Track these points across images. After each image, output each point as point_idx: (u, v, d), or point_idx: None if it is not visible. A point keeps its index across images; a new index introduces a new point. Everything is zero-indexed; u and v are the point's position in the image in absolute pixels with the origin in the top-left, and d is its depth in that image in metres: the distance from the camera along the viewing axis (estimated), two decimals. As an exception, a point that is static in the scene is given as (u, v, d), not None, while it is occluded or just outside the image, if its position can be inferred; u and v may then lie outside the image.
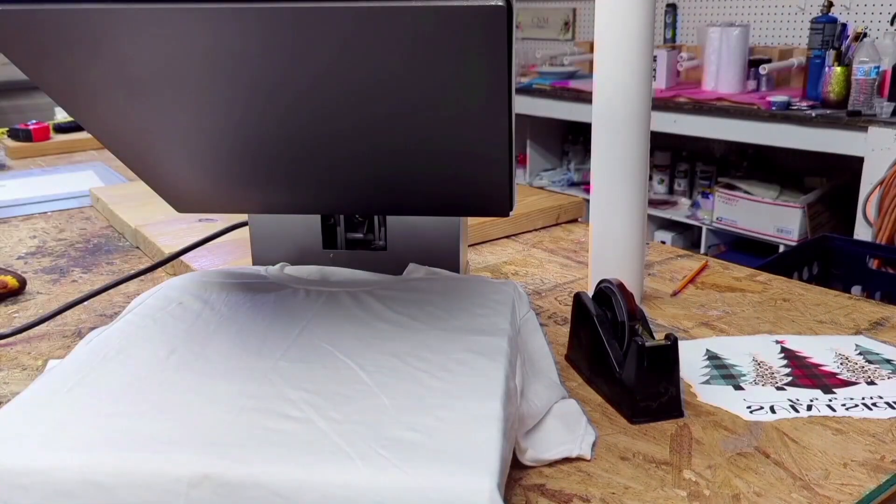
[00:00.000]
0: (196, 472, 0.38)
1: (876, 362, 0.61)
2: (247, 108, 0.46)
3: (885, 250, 1.65)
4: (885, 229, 2.09)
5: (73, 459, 0.39)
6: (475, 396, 0.44)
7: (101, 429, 0.42)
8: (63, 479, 0.39)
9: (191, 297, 0.59)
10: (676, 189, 3.16)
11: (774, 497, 0.45)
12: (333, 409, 0.43)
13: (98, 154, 1.64)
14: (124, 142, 0.52)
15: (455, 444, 0.40)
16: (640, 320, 0.55)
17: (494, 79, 0.41)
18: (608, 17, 0.65)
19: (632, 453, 0.49)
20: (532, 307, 0.60)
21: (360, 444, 0.40)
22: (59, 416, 0.43)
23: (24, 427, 0.42)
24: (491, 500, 0.37)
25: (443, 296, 0.58)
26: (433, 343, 0.51)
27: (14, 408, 0.44)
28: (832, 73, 2.30)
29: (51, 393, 0.45)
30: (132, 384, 0.46)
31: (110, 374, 0.48)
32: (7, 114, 3.50)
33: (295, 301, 0.58)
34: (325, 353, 0.50)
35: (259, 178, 0.57)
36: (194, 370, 0.48)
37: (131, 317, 0.56)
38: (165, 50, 0.41)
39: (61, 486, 0.38)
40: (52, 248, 0.97)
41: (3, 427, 0.42)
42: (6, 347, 0.68)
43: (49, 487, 0.39)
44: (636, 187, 0.68)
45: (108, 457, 0.39)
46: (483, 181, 0.54)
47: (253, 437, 0.41)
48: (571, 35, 3.65)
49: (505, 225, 0.96)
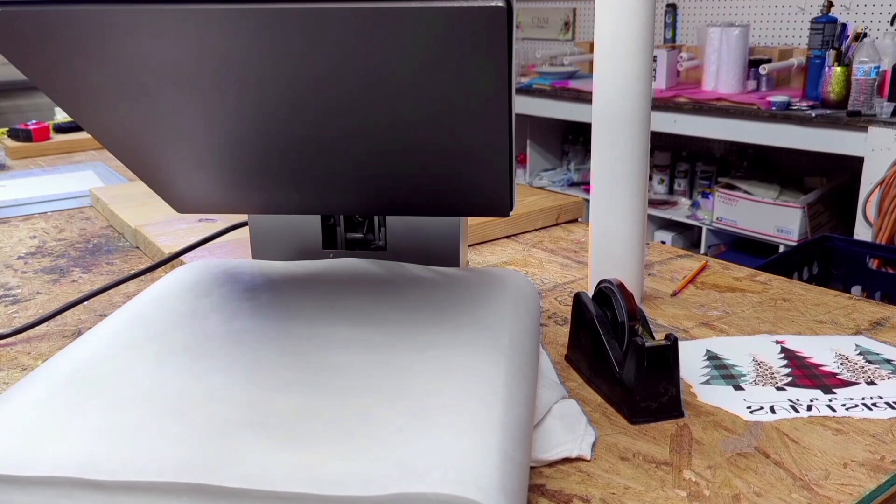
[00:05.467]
0: (196, 473, 0.38)
1: (876, 362, 0.61)
2: (247, 109, 0.46)
3: (885, 250, 1.65)
4: (885, 229, 2.09)
5: (73, 459, 0.39)
6: (473, 399, 0.44)
7: (100, 428, 0.42)
8: (63, 479, 0.39)
9: (188, 294, 0.59)
10: (676, 189, 3.16)
11: (774, 497, 0.45)
12: (324, 412, 0.43)
13: (98, 154, 1.64)
14: (124, 142, 0.52)
15: (447, 452, 0.39)
16: (640, 320, 0.55)
17: (494, 79, 0.41)
18: (608, 17, 0.65)
19: (632, 453, 0.49)
20: (540, 300, 0.60)
21: (351, 450, 0.40)
22: (58, 415, 0.43)
23: (23, 426, 0.42)
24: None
25: (444, 290, 0.58)
26: (433, 342, 0.51)
27: (13, 407, 0.44)
28: (832, 74, 2.30)
29: (50, 392, 0.45)
30: (132, 383, 0.46)
31: (109, 372, 0.48)
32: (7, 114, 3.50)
33: (292, 297, 0.58)
34: (319, 351, 0.50)
35: (259, 179, 0.57)
36: (192, 369, 0.48)
37: (130, 314, 0.56)
38: (165, 51, 0.41)
39: (61, 486, 0.38)
40: (51, 248, 0.97)
41: (3, 427, 0.42)
42: (6, 347, 0.68)
43: (49, 487, 0.39)
44: (636, 187, 0.68)
45: (108, 457, 0.39)
46: (483, 181, 0.54)
47: (252, 437, 0.41)
48: (571, 35, 3.65)
49: (505, 225, 0.96)
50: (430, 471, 0.38)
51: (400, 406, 0.43)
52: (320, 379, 0.47)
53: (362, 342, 0.51)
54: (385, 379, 0.46)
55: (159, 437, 0.41)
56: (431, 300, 0.57)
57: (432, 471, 0.37)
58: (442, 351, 0.49)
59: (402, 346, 0.50)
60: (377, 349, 0.50)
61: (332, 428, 0.42)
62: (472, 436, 0.40)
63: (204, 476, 0.38)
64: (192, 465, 0.39)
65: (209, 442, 0.40)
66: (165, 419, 0.43)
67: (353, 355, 0.49)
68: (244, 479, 0.38)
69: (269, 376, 0.47)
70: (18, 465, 0.39)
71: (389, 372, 0.47)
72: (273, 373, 0.47)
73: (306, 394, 0.45)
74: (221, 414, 0.43)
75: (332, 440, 0.40)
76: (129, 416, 0.43)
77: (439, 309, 0.55)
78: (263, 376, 0.47)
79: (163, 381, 0.46)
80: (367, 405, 0.44)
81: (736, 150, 3.04)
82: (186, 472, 0.38)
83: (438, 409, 0.43)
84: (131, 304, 0.58)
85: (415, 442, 0.40)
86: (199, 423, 0.42)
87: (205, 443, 0.40)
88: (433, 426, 0.41)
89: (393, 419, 0.42)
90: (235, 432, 0.41)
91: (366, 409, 0.43)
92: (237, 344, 0.51)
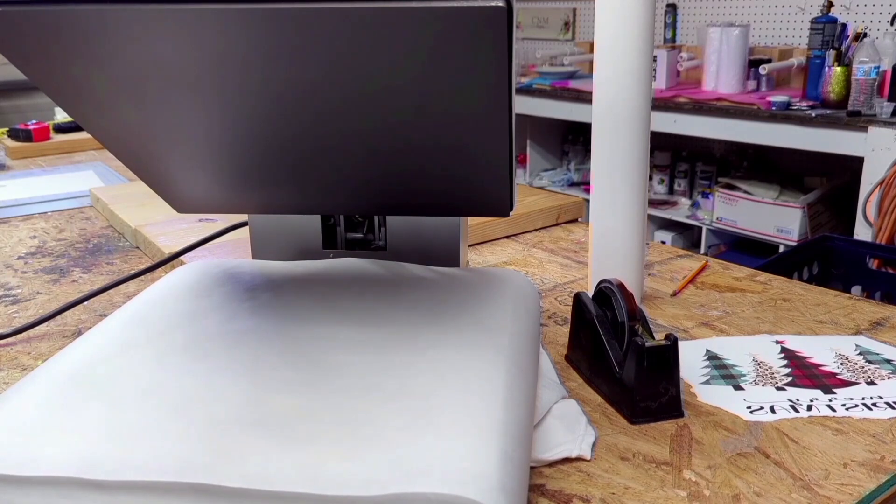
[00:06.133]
0: (196, 472, 0.38)
1: (876, 362, 0.61)
2: (247, 109, 0.46)
3: (885, 250, 1.65)
4: (885, 229, 2.09)
5: (73, 459, 0.39)
6: (473, 399, 0.44)
7: (100, 428, 0.42)
8: (63, 478, 0.39)
9: (189, 294, 0.59)
10: (676, 189, 3.16)
11: (774, 497, 0.45)
12: (324, 412, 0.43)
13: (98, 154, 1.64)
14: (124, 142, 0.52)
15: (447, 452, 0.39)
16: (640, 320, 0.55)
17: (495, 79, 0.41)
18: (608, 17, 0.65)
19: (632, 453, 0.49)
20: (541, 301, 0.60)
21: (351, 450, 0.40)
22: (58, 415, 0.43)
23: (23, 426, 0.42)
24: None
25: (444, 290, 0.58)
26: (433, 342, 0.51)
27: (13, 407, 0.44)
28: (832, 74, 2.30)
29: (50, 392, 0.45)
30: (132, 383, 0.46)
31: (109, 372, 0.48)
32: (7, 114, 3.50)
33: (292, 297, 0.58)
34: (319, 351, 0.50)
35: (259, 179, 0.57)
36: (192, 369, 0.48)
37: (130, 314, 0.56)
38: (166, 51, 0.41)
39: (61, 486, 0.38)
40: (52, 248, 0.97)
41: (3, 427, 0.42)
42: (6, 347, 0.68)
43: (49, 487, 0.39)
44: (636, 187, 0.68)
45: (108, 457, 0.39)
46: (483, 181, 0.54)
47: (252, 437, 0.41)
48: (571, 35, 3.65)
49: (505, 225, 0.96)
50: (430, 471, 0.37)
51: (400, 406, 0.43)
52: (320, 379, 0.47)
53: (362, 342, 0.51)
54: (385, 379, 0.46)
55: (159, 436, 0.41)
56: (431, 300, 0.57)
57: (432, 471, 0.37)
58: (442, 351, 0.49)
59: (402, 346, 0.50)
60: (377, 349, 0.50)
61: (332, 428, 0.41)
62: (472, 436, 0.40)
63: (204, 476, 0.38)
64: (192, 465, 0.39)
65: (209, 442, 0.40)
66: (165, 419, 0.43)
67: (354, 355, 0.49)
68: (244, 479, 0.38)
69: (269, 376, 0.47)
70: (18, 465, 0.39)
71: (389, 372, 0.47)
72: (273, 373, 0.47)
73: (306, 394, 0.45)
74: (221, 414, 0.43)
75: (332, 440, 0.40)
76: (129, 416, 0.43)
77: (439, 309, 0.55)
78: (263, 376, 0.47)
79: (163, 381, 0.46)
80: (368, 405, 0.44)
81: (736, 150, 3.04)
82: (186, 472, 0.38)
83: (438, 409, 0.43)
84: (131, 304, 0.58)
85: (415, 442, 0.40)
86: (199, 423, 0.42)
87: (205, 442, 0.40)
88: (433, 426, 0.41)
89: (393, 419, 0.42)
90: (235, 432, 0.41)
91: (366, 409, 0.43)
92: (237, 344, 0.51)
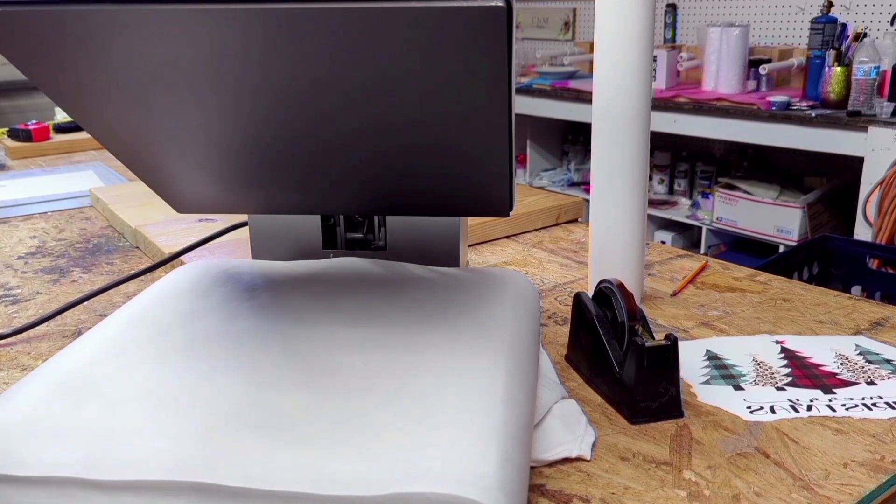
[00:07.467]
0: (196, 472, 0.38)
1: (876, 362, 0.61)
2: (247, 109, 0.46)
3: (885, 250, 1.65)
4: (885, 229, 2.09)
5: (73, 459, 0.39)
6: (473, 399, 0.44)
7: (100, 428, 0.42)
8: (63, 478, 0.39)
9: (188, 294, 0.59)
10: (676, 189, 3.16)
11: (774, 497, 0.45)
12: (324, 412, 0.43)
13: (98, 154, 1.64)
14: (124, 142, 0.52)
15: (447, 452, 0.39)
16: (640, 320, 0.55)
17: (494, 79, 0.41)
18: (608, 17, 0.65)
19: (632, 453, 0.49)
20: (540, 301, 0.60)
21: (351, 450, 0.40)
22: (58, 415, 0.43)
23: (23, 426, 0.42)
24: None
25: (444, 290, 0.58)
26: (433, 342, 0.51)
27: (13, 407, 0.44)
28: (832, 74, 2.30)
29: (50, 392, 0.45)
30: (132, 383, 0.46)
31: (109, 372, 0.48)
32: (7, 114, 3.50)
33: (292, 297, 0.58)
34: (319, 351, 0.50)
35: (259, 179, 0.57)
36: (192, 369, 0.48)
37: (130, 314, 0.56)
38: (166, 51, 0.41)
39: (61, 485, 0.38)
40: (51, 249, 0.97)
41: (3, 427, 0.42)
42: (6, 347, 0.68)
43: (49, 487, 0.39)
44: (636, 187, 0.68)
45: (107, 456, 0.39)
46: (483, 181, 0.54)
47: (252, 437, 0.41)
48: (571, 35, 3.65)
49: (505, 225, 0.96)
50: (430, 471, 0.38)
51: (400, 406, 0.43)
52: (320, 379, 0.47)
53: (362, 342, 0.51)
54: (385, 379, 0.46)
55: (159, 436, 0.41)
56: (431, 300, 0.57)
57: (432, 471, 0.37)
58: (442, 351, 0.49)
59: (402, 346, 0.50)
60: (377, 349, 0.50)
61: (332, 428, 0.41)
62: (472, 436, 0.40)
63: (204, 475, 0.38)
64: (191, 465, 0.39)
65: (209, 441, 0.40)
66: (165, 419, 0.43)
67: (354, 355, 0.49)
68: (244, 479, 0.38)
69: (269, 376, 0.47)
70: (18, 465, 0.39)
71: (389, 372, 0.47)
72: (273, 373, 0.47)
73: (306, 394, 0.45)
74: (221, 413, 0.43)
75: (332, 440, 0.40)
76: (128, 416, 0.43)
77: (439, 309, 0.55)
78: (263, 376, 0.47)
79: (162, 381, 0.46)
80: (367, 405, 0.44)
81: (736, 150, 3.04)
82: (186, 472, 0.38)
83: (438, 409, 0.43)
84: (131, 304, 0.58)
85: (415, 442, 0.40)
86: (199, 423, 0.42)
87: (205, 442, 0.40)
88: (433, 426, 0.41)
89: (393, 419, 0.42)
90: (235, 432, 0.41)
91: (366, 409, 0.43)
92: (237, 344, 0.51)
